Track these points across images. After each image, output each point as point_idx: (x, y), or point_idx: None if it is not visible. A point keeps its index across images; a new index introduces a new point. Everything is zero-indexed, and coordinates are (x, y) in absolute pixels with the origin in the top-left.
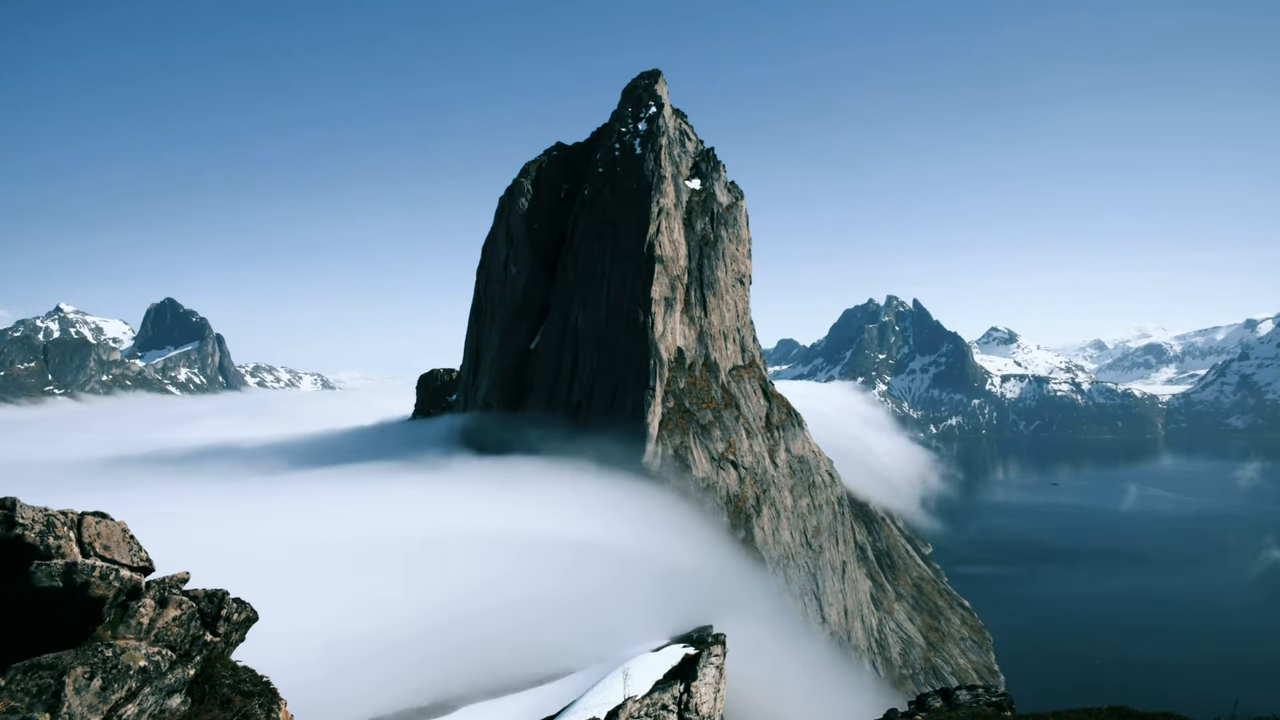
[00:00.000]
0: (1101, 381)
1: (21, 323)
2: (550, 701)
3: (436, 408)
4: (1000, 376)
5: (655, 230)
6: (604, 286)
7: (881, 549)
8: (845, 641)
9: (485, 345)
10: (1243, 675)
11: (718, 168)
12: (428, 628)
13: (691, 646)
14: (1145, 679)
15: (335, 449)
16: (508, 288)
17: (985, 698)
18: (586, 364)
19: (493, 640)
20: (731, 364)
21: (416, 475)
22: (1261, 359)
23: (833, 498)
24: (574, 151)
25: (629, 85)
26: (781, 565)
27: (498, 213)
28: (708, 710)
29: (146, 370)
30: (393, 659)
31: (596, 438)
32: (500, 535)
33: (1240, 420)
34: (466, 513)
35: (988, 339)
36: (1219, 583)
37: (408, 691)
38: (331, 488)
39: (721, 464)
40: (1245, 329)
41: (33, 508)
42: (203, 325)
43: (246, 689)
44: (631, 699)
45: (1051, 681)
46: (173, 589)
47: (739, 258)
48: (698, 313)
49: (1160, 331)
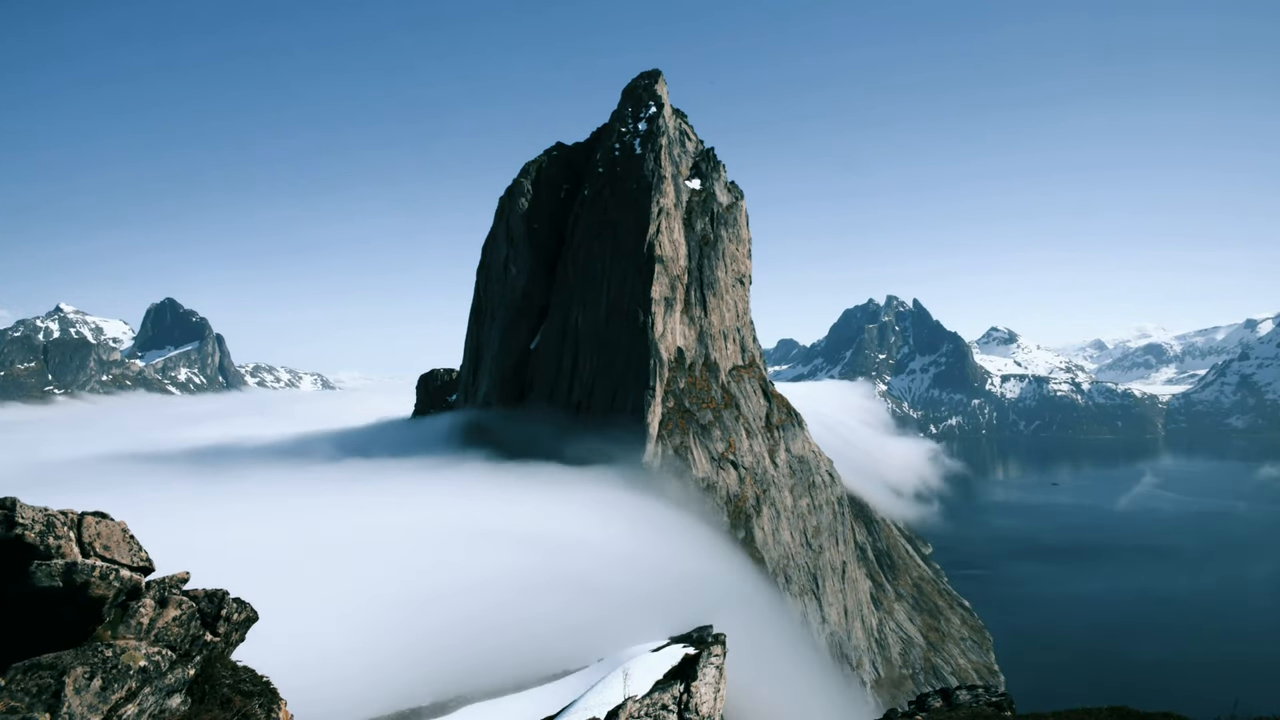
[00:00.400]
0: (1101, 381)
1: (21, 323)
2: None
3: (436, 408)
4: (1000, 376)
5: (655, 230)
6: (604, 286)
7: (881, 549)
8: (845, 641)
9: (485, 345)
10: (1243, 675)
11: (718, 168)
12: (427, 627)
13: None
14: (1145, 679)
15: (335, 449)
16: (508, 288)
17: (985, 698)
18: (586, 364)
19: (492, 640)
20: (731, 364)
21: (416, 475)
22: (1261, 359)
23: (833, 498)
24: (574, 151)
25: (629, 85)
26: (781, 565)
27: (498, 213)
28: (708, 710)
29: (146, 370)
30: (392, 659)
31: (596, 437)
32: (500, 535)
33: (1240, 420)
34: (466, 512)
35: (988, 339)
36: (1219, 582)
37: (407, 691)
38: (331, 488)
39: (721, 464)
40: (1245, 329)
41: (33, 508)
42: (203, 325)
43: (246, 689)
44: (631, 699)
45: (1051, 681)
46: (173, 589)
47: (739, 258)
48: (698, 313)
49: (1160, 331)
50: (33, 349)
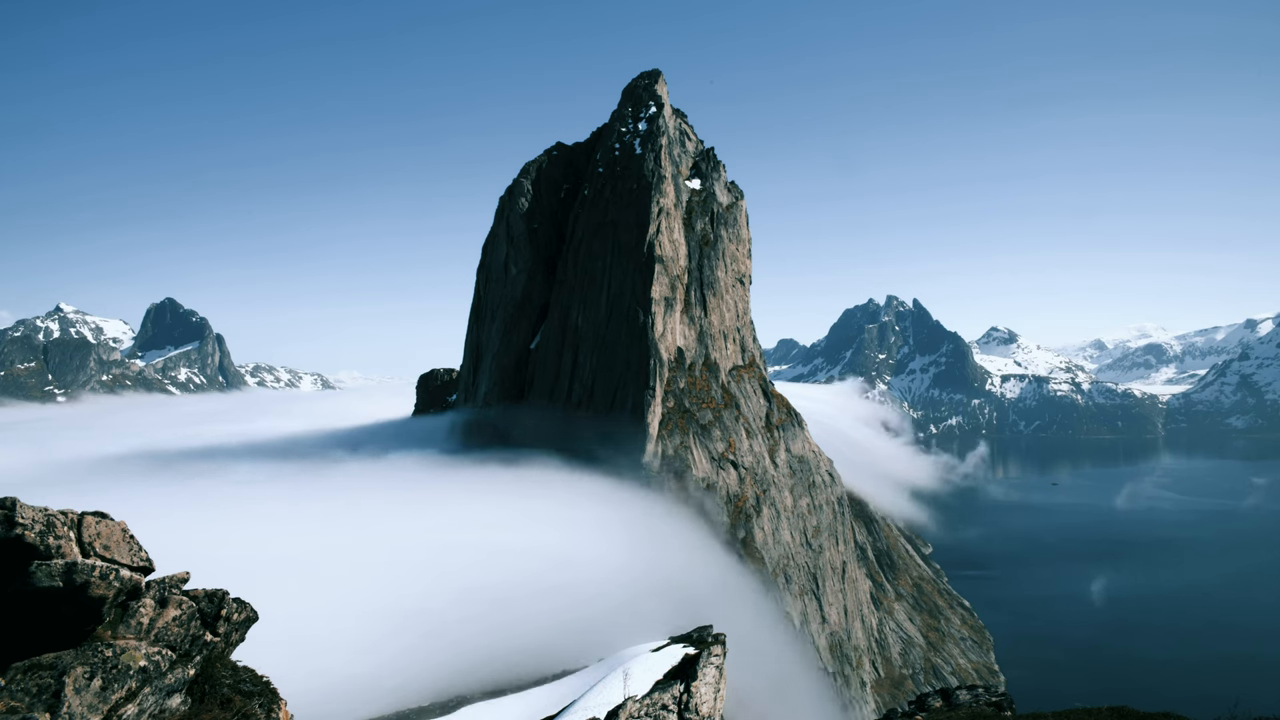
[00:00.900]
0: (1101, 381)
1: (21, 323)
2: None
3: (436, 407)
4: (1000, 376)
5: (655, 230)
6: (604, 286)
7: (881, 549)
8: (845, 641)
9: (485, 345)
10: (1243, 675)
11: (718, 168)
12: (427, 627)
13: (691, 646)
14: (1145, 679)
15: (335, 449)
16: (508, 287)
17: (985, 698)
18: (587, 363)
19: (493, 640)
20: (731, 364)
21: (416, 474)
22: (1261, 359)
23: (833, 498)
24: (574, 151)
25: (629, 85)
26: (781, 565)
27: (498, 212)
28: (708, 710)
29: (146, 370)
30: (392, 659)
31: (596, 437)
32: (500, 535)
33: (1240, 420)
34: (466, 512)
35: (988, 339)
36: (1219, 582)
37: (408, 691)
38: (331, 488)
39: (721, 464)
40: (1245, 329)
41: (33, 507)
42: (203, 325)
43: (246, 689)
44: (631, 699)
45: (1051, 681)
46: (173, 589)
47: (739, 258)
48: (698, 313)
49: (1160, 331)
50: (33, 349)
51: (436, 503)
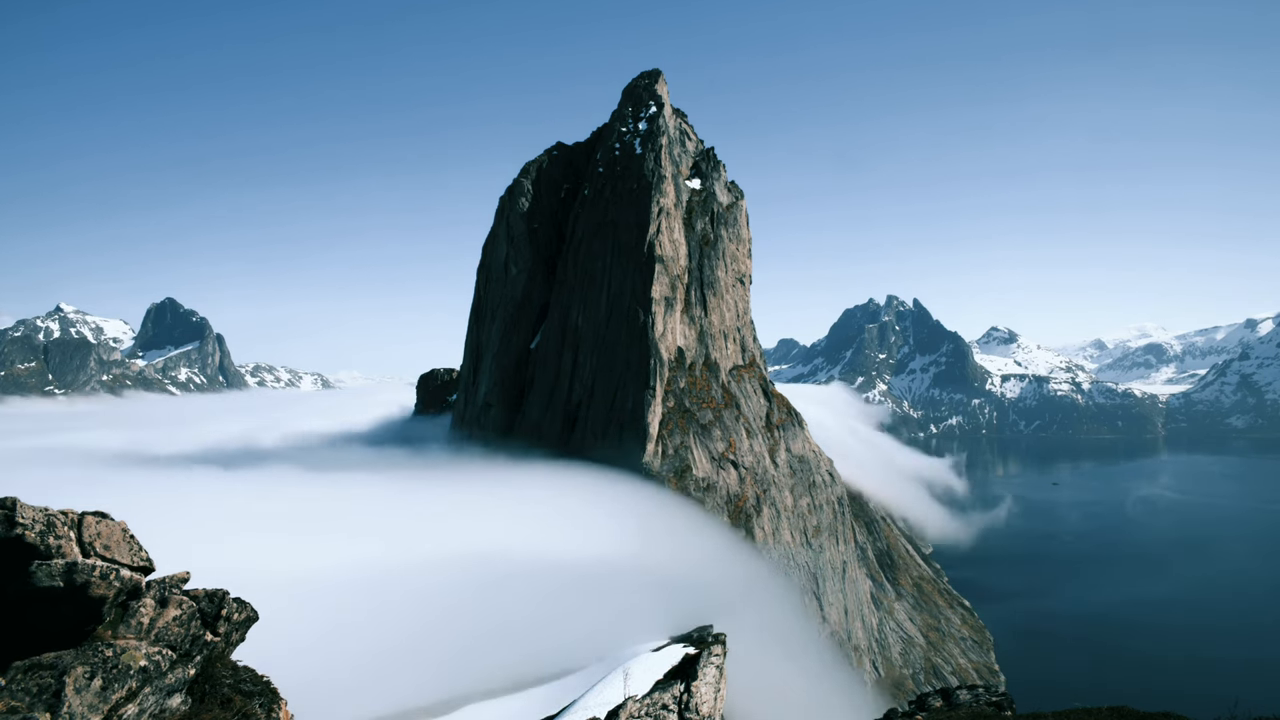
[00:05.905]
0: (1102, 381)
1: (22, 323)
2: (550, 701)
3: (436, 407)
4: (1000, 376)
5: (655, 230)
6: (604, 286)
7: (881, 549)
8: (845, 641)
9: (485, 345)
10: (1243, 675)
11: (718, 167)
12: (428, 627)
13: (691, 646)
14: (1145, 679)
15: (335, 448)
16: (508, 287)
17: (985, 698)
18: (587, 363)
19: (493, 640)
20: (731, 364)
21: (416, 474)
22: (1261, 359)
23: (833, 497)
24: (574, 151)
25: (629, 85)
26: (781, 565)
27: (498, 212)
28: (708, 710)
29: (147, 370)
30: (393, 659)
31: (596, 437)
32: (499, 534)
33: (1240, 420)
34: (466, 511)
35: (988, 339)
36: (1219, 582)
37: (408, 691)
38: (332, 488)
39: (722, 464)
40: (1245, 329)
41: (33, 507)
42: (203, 325)
43: (246, 689)
44: (631, 699)
45: (1051, 681)
46: (173, 589)
47: (739, 257)
48: (698, 312)
49: (1160, 331)
50: (33, 349)
51: (435, 502)
